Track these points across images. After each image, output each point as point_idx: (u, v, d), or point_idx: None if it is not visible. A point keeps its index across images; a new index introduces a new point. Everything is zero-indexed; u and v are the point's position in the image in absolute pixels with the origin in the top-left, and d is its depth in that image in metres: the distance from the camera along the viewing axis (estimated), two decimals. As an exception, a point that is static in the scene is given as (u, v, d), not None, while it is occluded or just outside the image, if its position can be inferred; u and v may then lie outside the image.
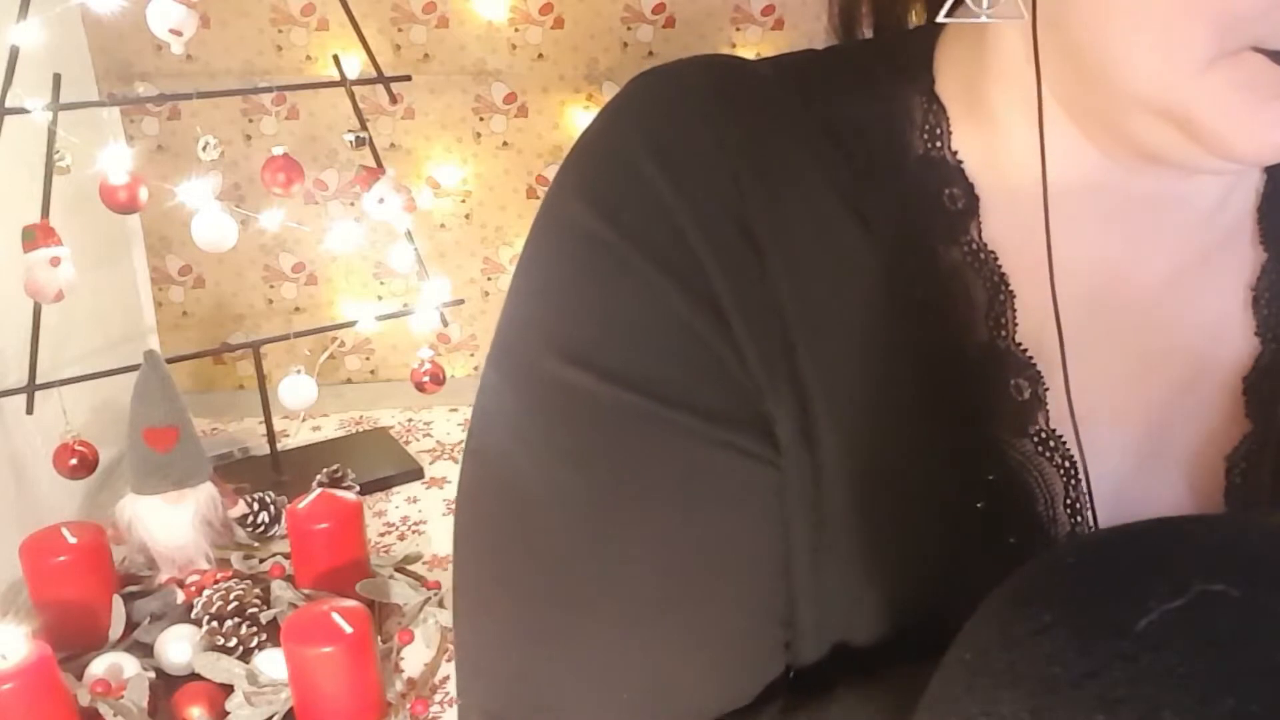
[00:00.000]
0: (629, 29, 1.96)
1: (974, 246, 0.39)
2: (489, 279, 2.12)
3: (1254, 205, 0.42)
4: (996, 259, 0.39)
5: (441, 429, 1.94)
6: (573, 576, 0.39)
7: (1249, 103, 0.31)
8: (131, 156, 1.42)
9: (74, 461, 1.49)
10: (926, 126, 0.40)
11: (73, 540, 1.33)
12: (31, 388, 1.48)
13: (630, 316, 0.38)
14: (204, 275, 2.05)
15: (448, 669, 1.31)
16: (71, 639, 1.30)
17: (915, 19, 0.47)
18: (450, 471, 1.79)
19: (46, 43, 1.37)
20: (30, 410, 1.50)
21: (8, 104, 1.38)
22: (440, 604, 1.37)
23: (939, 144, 0.40)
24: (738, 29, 1.99)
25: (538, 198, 2.07)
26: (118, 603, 1.35)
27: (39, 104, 1.38)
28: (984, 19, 0.36)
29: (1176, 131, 0.33)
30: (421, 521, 1.65)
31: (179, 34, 1.37)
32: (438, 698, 1.26)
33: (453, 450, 1.86)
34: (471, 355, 2.17)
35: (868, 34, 0.48)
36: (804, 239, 0.39)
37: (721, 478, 0.38)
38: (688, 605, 0.39)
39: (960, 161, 0.40)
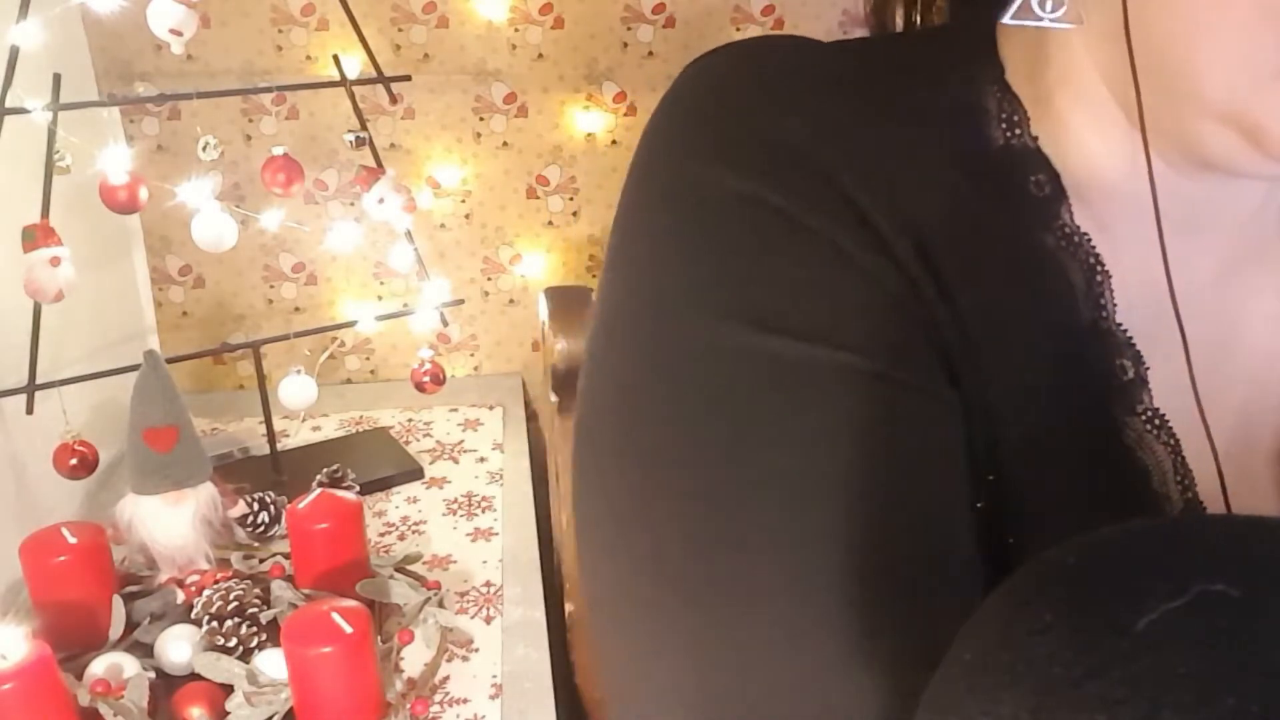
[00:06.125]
0: (629, 29, 1.96)
1: (1067, 230, 0.39)
2: (489, 279, 2.12)
3: None
4: (1091, 241, 0.39)
5: (441, 429, 1.94)
6: (783, 576, 0.36)
7: None
8: (131, 156, 1.42)
9: (74, 461, 1.49)
10: (1003, 116, 0.40)
11: (73, 540, 1.32)
12: (31, 388, 1.48)
13: (816, 277, 0.37)
14: (204, 275, 2.05)
15: (448, 669, 1.31)
16: (71, 639, 1.30)
17: (937, 16, 0.48)
18: (450, 471, 1.79)
19: (46, 43, 1.37)
20: (30, 410, 1.49)
21: (8, 104, 1.37)
22: (440, 604, 1.37)
23: (1019, 132, 0.40)
24: (738, 29, 1.99)
25: (538, 197, 2.07)
26: (118, 603, 1.35)
27: (39, 104, 1.38)
28: (1047, 23, 0.36)
29: (1240, 138, 0.34)
30: (422, 521, 1.65)
31: (179, 34, 1.36)
32: (438, 698, 1.26)
33: (453, 450, 1.86)
34: (471, 355, 2.17)
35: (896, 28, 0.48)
36: (936, 208, 0.38)
37: (935, 435, 0.38)
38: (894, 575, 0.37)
39: (1040, 149, 0.40)
